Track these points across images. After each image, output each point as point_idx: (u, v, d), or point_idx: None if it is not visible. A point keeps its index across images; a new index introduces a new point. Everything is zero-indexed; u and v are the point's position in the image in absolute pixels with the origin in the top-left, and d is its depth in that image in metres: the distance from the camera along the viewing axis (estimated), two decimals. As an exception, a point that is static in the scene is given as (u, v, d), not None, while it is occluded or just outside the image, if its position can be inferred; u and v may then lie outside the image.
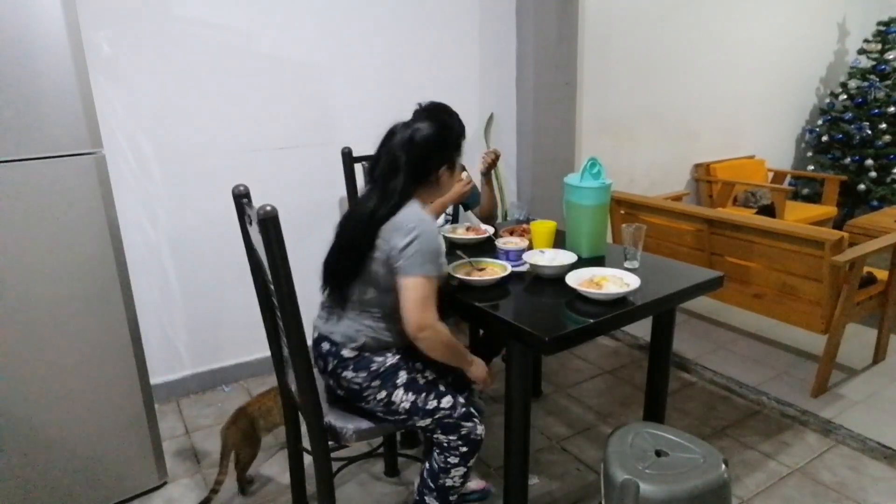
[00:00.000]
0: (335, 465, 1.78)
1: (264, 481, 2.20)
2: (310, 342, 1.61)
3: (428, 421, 1.58)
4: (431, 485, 1.63)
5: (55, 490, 1.93)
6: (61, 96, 1.72)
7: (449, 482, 1.61)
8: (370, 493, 2.13)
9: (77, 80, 1.73)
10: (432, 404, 1.57)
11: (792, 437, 2.39)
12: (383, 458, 2.23)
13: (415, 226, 1.49)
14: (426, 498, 1.64)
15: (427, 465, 1.66)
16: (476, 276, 1.81)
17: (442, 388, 1.62)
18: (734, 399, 2.67)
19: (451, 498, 1.65)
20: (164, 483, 2.18)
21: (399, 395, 1.56)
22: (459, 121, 1.72)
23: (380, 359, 1.60)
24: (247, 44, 2.60)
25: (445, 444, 1.60)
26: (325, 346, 1.63)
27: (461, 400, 1.62)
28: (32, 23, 1.64)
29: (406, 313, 1.49)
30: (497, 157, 2.42)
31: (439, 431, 1.59)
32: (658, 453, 1.54)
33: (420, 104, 2.24)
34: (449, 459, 1.60)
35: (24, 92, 1.66)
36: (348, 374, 1.59)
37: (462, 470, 1.61)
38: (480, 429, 1.62)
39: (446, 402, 1.58)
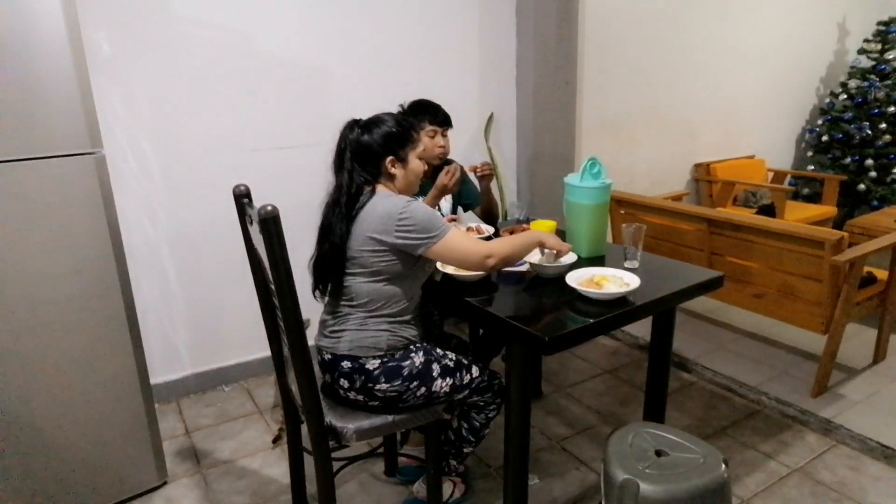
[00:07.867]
0: (335, 465, 1.78)
1: (264, 481, 2.20)
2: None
3: (466, 392, 1.74)
4: (472, 438, 1.89)
5: (55, 490, 1.93)
6: (61, 96, 1.72)
7: (486, 431, 1.88)
8: (370, 493, 2.14)
9: (77, 80, 1.73)
10: (467, 378, 1.73)
11: (792, 437, 2.39)
12: (383, 458, 2.23)
13: (400, 212, 1.56)
14: (465, 449, 1.91)
15: (466, 425, 1.87)
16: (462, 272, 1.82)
17: (466, 361, 1.76)
18: (734, 399, 2.67)
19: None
20: (164, 483, 2.18)
21: (439, 383, 1.67)
22: (401, 119, 1.74)
23: (407, 362, 1.65)
24: (247, 44, 2.60)
25: (482, 403, 1.83)
26: (346, 364, 1.63)
27: (479, 364, 1.79)
28: (32, 23, 1.64)
29: (464, 265, 1.65)
30: (490, 170, 2.36)
31: (476, 395, 1.78)
32: (658, 453, 1.54)
33: (402, 105, 2.27)
34: (489, 414, 1.85)
35: (25, 92, 1.66)
36: (382, 385, 1.62)
37: (496, 416, 1.85)
38: (499, 378, 1.82)
39: (475, 371, 1.75)
